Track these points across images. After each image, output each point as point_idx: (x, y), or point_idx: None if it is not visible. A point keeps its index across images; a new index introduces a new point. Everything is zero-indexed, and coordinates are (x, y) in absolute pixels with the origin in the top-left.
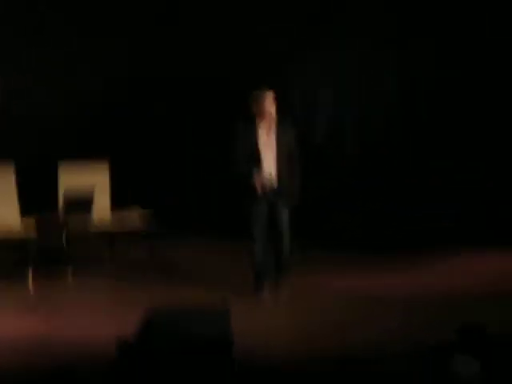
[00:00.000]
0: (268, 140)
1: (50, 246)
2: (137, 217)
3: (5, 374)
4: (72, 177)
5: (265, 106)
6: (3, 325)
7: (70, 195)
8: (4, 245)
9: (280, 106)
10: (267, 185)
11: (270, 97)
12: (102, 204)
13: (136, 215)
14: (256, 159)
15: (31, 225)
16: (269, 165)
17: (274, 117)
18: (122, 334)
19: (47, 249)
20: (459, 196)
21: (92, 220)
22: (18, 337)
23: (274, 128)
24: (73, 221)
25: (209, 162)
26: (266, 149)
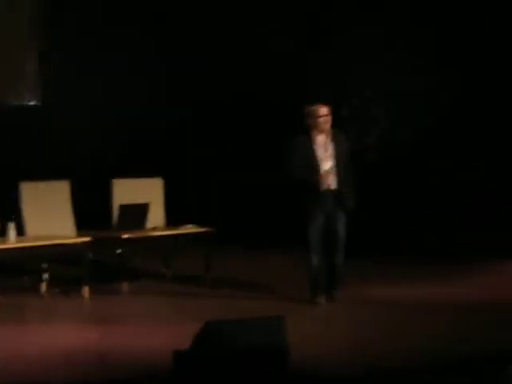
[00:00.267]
0: (325, 152)
1: (105, 261)
2: (191, 232)
3: None
4: (126, 193)
5: (321, 120)
6: (60, 338)
7: (125, 211)
8: (60, 260)
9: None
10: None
11: (326, 110)
12: (157, 220)
13: (190, 230)
14: (314, 171)
15: (87, 240)
16: (327, 175)
17: (330, 130)
18: (179, 347)
19: (102, 264)
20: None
21: (146, 235)
22: (75, 350)
23: (330, 140)
24: (127, 236)
25: (260, 176)
26: (324, 161)
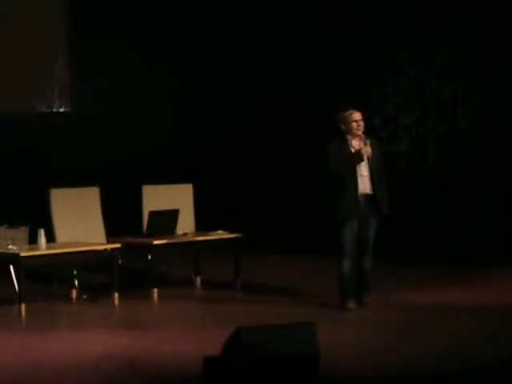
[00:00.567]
0: None
1: (135, 268)
2: (221, 237)
3: None
4: (156, 199)
5: (354, 125)
6: (90, 344)
7: (155, 217)
8: (90, 266)
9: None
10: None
11: (358, 116)
12: (187, 225)
13: (220, 236)
14: (351, 176)
15: (117, 247)
16: (363, 181)
17: (363, 135)
18: (209, 353)
19: (132, 270)
20: None
21: (176, 241)
22: (105, 356)
23: (364, 145)
24: (157, 242)
25: (289, 181)
26: (360, 165)
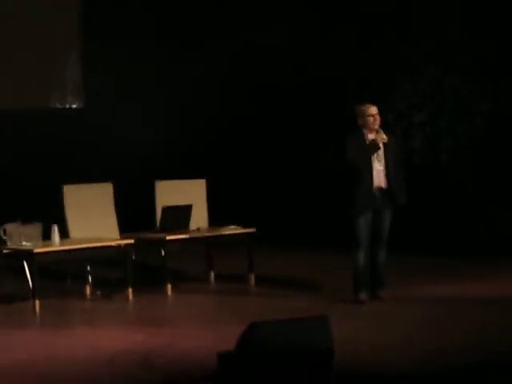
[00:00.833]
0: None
1: (149, 263)
2: (234, 232)
3: None
4: (169, 195)
5: (371, 119)
6: (105, 340)
7: (168, 213)
8: (104, 262)
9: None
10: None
11: (374, 110)
12: (200, 221)
13: (233, 231)
14: (367, 169)
15: (130, 242)
16: (378, 174)
17: (379, 129)
18: (224, 347)
19: (146, 265)
20: None
21: (190, 236)
22: (120, 352)
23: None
24: (171, 237)
25: (301, 176)
26: (376, 159)
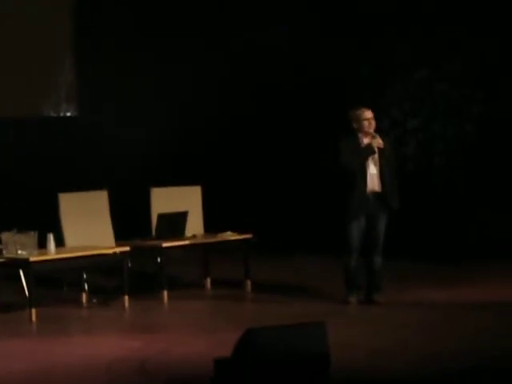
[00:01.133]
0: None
1: (145, 270)
2: (230, 239)
3: None
4: (165, 202)
5: (366, 123)
6: (101, 348)
7: (163, 220)
8: (100, 270)
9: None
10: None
11: (369, 114)
12: (196, 227)
13: (229, 237)
14: (360, 172)
15: (126, 250)
16: (372, 178)
17: (374, 133)
18: (220, 354)
19: (142, 273)
20: None
21: (185, 243)
22: (117, 359)
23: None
24: (166, 244)
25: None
26: (370, 163)
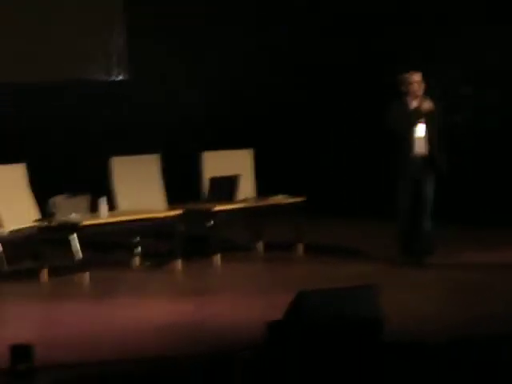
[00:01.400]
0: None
1: (197, 234)
2: (281, 202)
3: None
4: (217, 166)
5: (414, 86)
6: (154, 311)
7: (215, 184)
8: (152, 234)
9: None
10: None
11: (418, 77)
12: (247, 191)
13: (280, 201)
14: (407, 135)
15: (178, 214)
16: (420, 141)
17: (423, 96)
18: (272, 317)
19: (194, 237)
20: None
21: (237, 207)
22: (169, 323)
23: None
24: (218, 208)
25: (349, 145)
26: (417, 126)
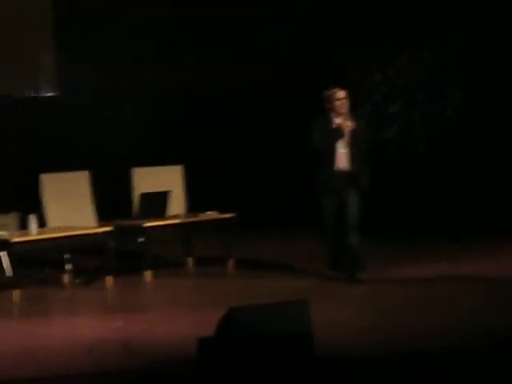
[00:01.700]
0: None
1: (128, 250)
2: (212, 218)
3: (87, 376)
4: (147, 182)
5: (338, 103)
6: (84, 328)
7: (145, 199)
8: (82, 250)
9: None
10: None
11: (342, 94)
12: (178, 207)
13: (211, 217)
14: (330, 152)
15: (108, 230)
16: (341, 157)
17: (347, 113)
18: (203, 333)
19: (124, 253)
20: None
21: (168, 223)
22: (99, 339)
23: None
24: (149, 224)
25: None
26: (340, 142)
